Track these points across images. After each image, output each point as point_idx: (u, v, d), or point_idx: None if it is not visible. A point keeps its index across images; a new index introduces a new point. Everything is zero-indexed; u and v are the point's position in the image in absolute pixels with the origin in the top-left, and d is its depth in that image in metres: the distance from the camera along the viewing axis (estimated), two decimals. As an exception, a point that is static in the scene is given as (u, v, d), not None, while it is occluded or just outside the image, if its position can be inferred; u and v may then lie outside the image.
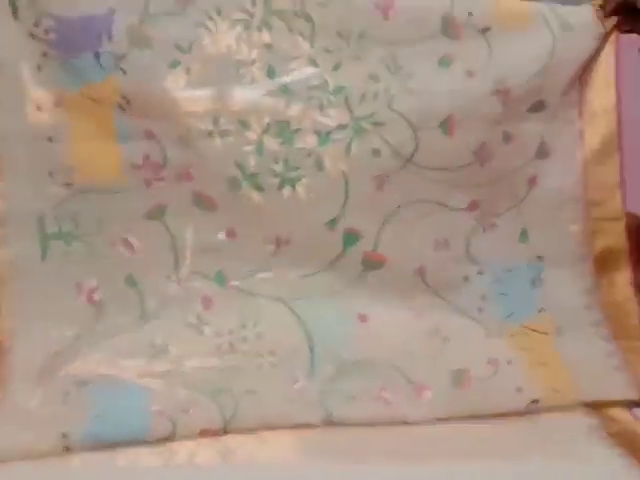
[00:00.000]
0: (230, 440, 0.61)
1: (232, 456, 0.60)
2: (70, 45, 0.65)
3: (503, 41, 0.69)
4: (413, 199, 0.72)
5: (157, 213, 0.69)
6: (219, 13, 0.67)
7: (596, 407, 0.68)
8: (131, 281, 0.70)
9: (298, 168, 0.70)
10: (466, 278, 0.75)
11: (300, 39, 0.68)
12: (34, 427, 0.59)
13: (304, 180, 0.70)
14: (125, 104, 0.66)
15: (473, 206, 0.73)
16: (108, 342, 0.67)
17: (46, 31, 0.64)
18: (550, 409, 0.67)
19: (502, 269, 0.75)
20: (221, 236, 0.71)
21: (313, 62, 0.68)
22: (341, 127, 0.69)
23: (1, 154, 0.66)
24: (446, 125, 0.69)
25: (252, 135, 0.68)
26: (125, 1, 0.65)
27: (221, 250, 0.71)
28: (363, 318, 0.73)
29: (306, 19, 0.68)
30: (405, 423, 0.65)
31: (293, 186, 0.70)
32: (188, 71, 0.67)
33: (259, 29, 0.67)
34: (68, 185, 0.67)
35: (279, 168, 0.69)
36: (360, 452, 0.60)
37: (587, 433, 0.65)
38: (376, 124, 0.69)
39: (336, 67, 0.69)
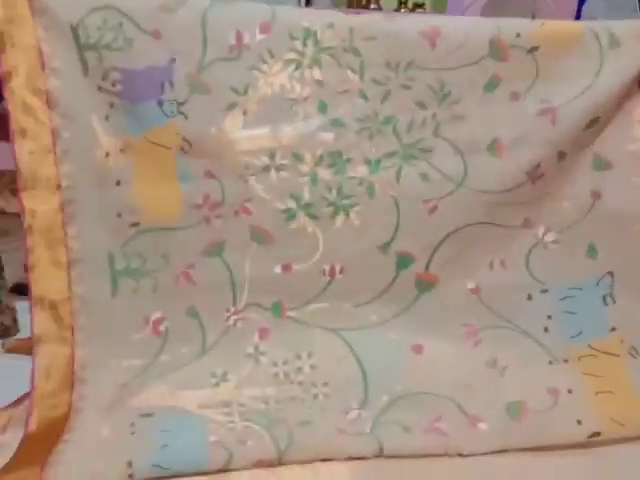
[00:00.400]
0: (285, 472, 0.62)
1: None
2: (136, 95, 0.69)
3: (550, 60, 0.68)
4: (466, 222, 0.71)
5: (216, 249, 0.72)
6: (272, 55, 0.69)
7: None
8: (193, 313, 0.72)
9: (351, 196, 0.72)
10: (529, 297, 0.73)
11: (349, 73, 0.70)
12: (103, 456, 0.63)
13: (356, 208, 0.72)
14: (187, 147, 0.69)
15: (528, 223, 0.72)
16: (172, 375, 0.70)
17: (113, 84, 0.68)
18: (612, 441, 0.64)
19: (569, 286, 0.72)
20: (277, 270, 0.72)
21: (363, 95, 0.70)
22: (390, 155, 0.71)
23: (73, 199, 0.69)
24: (494, 148, 0.70)
25: (306, 167, 0.71)
26: (184, 51, 0.68)
27: (277, 283, 0.72)
28: (418, 349, 0.72)
29: (354, 53, 0.70)
30: (459, 455, 0.64)
31: (346, 213, 0.72)
32: (245, 112, 0.70)
33: (310, 67, 0.70)
34: (135, 225, 0.71)
35: (332, 197, 0.71)
36: None
37: None
38: (424, 150, 0.71)
39: (385, 97, 0.70)
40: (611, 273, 0.72)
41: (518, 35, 0.68)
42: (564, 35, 0.68)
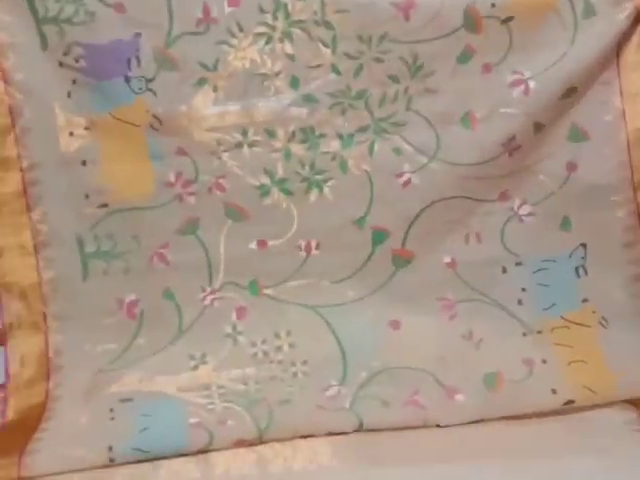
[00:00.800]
0: (266, 449, 0.63)
1: (268, 465, 0.61)
2: (101, 71, 0.67)
3: (524, 30, 0.67)
4: (441, 195, 0.71)
5: (190, 227, 0.71)
6: (241, 29, 0.67)
7: (634, 402, 0.66)
8: (168, 294, 0.72)
9: (324, 171, 0.71)
10: (504, 270, 0.73)
11: (321, 47, 0.68)
12: (83, 442, 0.63)
13: (330, 182, 0.71)
14: (157, 124, 0.68)
15: (504, 196, 0.72)
16: (149, 359, 0.70)
17: (76, 59, 0.66)
18: (586, 408, 0.66)
19: (543, 259, 0.73)
20: (253, 246, 0.72)
21: (335, 69, 0.69)
22: (362, 129, 0.70)
23: (39, 180, 0.68)
24: (467, 120, 0.69)
25: (278, 143, 0.70)
26: (149, 25, 0.66)
27: (253, 260, 0.72)
28: (395, 325, 0.73)
29: (327, 27, 0.68)
30: (437, 426, 0.65)
31: (320, 189, 0.71)
32: (215, 88, 0.68)
33: (281, 41, 0.68)
34: (103, 205, 0.70)
35: (306, 172, 0.71)
36: (393, 455, 0.61)
37: (623, 428, 0.63)
38: (396, 124, 0.70)
39: (357, 71, 0.69)
40: (584, 245, 0.72)
41: (493, 5, 0.66)
42: (539, 3, 0.67)
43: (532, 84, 0.67)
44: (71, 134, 0.68)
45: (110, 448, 0.62)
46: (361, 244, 0.72)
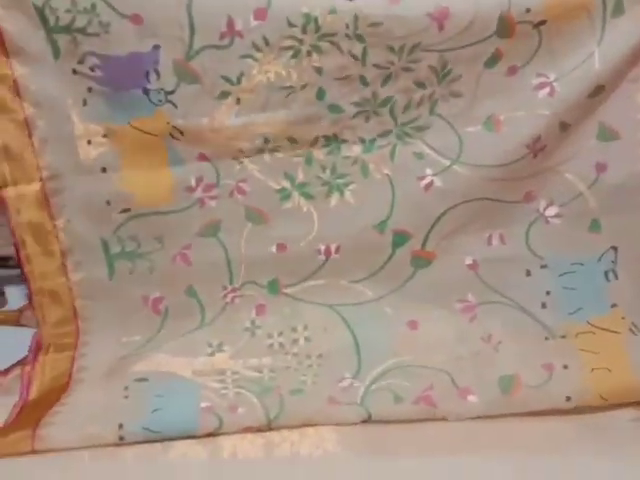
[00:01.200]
0: (274, 435, 0.63)
1: (275, 449, 0.62)
2: (118, 81, 0.66)
3: (554, 33, 0.65)
4: (463, 198, 0.70)
5: (211, 230, 0.72)
6: (267, 43, 0.65)
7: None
8: (191, 292, 0.74)
9: (345, 175, 0.71)
10: (528, 273, 0.71)
11: (351, 59, 0.66)
12: (96, 418, 0.64)
13: (351, 186, 0.71)
14: (178, 134, 0.68)
15: (529, 197, 0.70)
16: (169, 344, 0.72)
17: (91, 68, 0.65)
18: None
19: (570, 262, 0.71)
20: (272, 249, 0.73)
21: (363, 80, 0.67)
22: (384, 134, 0.70)
23: (58, 189, 0.69)
24: (490, 123, 0.68)
25: (300, 148, 0.71)
26: (169, 37, 0.64)
27: (273, 261, 0.73)
28: (413, 325, 0.72)
29: (358, 39, 0.65)
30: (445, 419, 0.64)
31: (341, 193, 0.71)
32: (238, 101, 0.67)
33: (309, 54, 0.66)
34: (126, 210, 0.71)
35: (326, 176, 0.71)
36: (399, 445, 0.61)
37: (630, 425, 0.62)
38: (419, 129, 0.69)
39: (385, 81, 0.68)
40: (615, 248, 0.69)
41: (528, 10, 0.64)
42: (574, 4, 0.64)
43: (557, 86, 0.66)
44: (89, 142, 0.68)
45: (121, 426, 0.63)
46: (381, 247, 0.72)
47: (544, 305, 0.71)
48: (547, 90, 0.67)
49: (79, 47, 0.64)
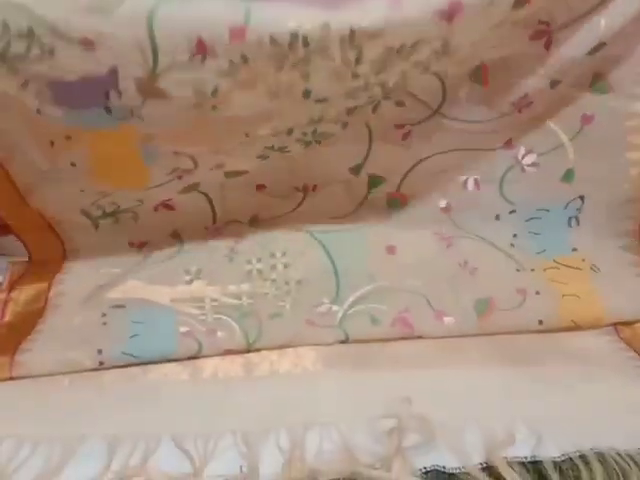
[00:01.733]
0: (253, 355, 0.64)
1: (254, 368, 0.63)
2: (73, 103, 0.54)
3: None
4: (441, 148, 0.70)
5: (191, 188, 0.69)
6: (246, 61, 0.52)
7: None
8: (176, 235, 0.74)
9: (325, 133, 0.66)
10: (497, 217, 0.74)
11: (343, 66, 0.55)
12: (75, 344, 0.64)
13: (330, 139, 0.67)
14: (148, 139, 0.60)
15: (509, 145, 0.70)
16: (146, 271, 0.72)
17: (38, 93, 0.53)
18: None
19: (537, 208, 0.73)
20: (252, 191, 0.72)
21: (355, 76, 0.57)
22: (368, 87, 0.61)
23: (32, 190, 0.67)
24: (478, 75, 0.64)
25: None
26: (127, 60, 0.51)
27: (254, 201, 0.73)
28: (391, 250, 0.73)
29: (354, 50, 0.53)
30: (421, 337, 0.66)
31: (319, 142, 0.68)
32: (214, 108, 0.56)
33: (294, 66, 0.54)
34: (101, 192, 0.68)
35: (308, 138, 0.66)
36: (376, 361, 0.62)
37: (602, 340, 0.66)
38: (405, 84, 0.64)
39: (379, 71, 0.58)
40: (582, 197, 0.71)
41: None
42: None
43: (555, 38, 0.61)
44: (52, 143, 0.60)
45: (100, 351, 0.62)
46: (357, 187, 0.73)
47: (512, 245, 0.73)
48: (544, 41, 0.61)
49: (18, 74, 0.51)
